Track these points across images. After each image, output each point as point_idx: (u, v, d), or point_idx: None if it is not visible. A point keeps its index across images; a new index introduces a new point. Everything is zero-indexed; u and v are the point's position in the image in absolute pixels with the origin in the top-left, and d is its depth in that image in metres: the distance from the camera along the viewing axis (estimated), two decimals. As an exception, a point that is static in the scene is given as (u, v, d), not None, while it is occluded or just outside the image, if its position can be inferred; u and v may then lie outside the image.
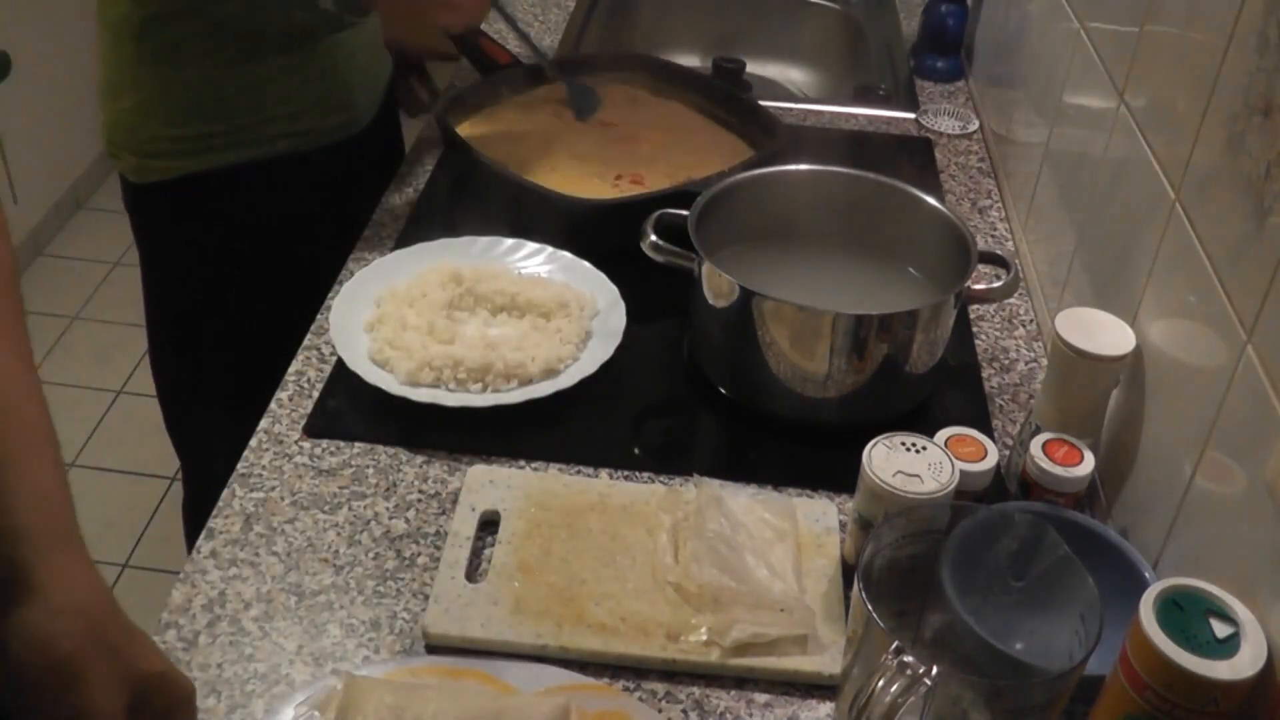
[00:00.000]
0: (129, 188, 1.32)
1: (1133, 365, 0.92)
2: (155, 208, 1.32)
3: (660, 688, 0.82)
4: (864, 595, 0.70)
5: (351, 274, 1.16)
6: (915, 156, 1.51)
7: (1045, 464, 0.90)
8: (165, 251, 1.36)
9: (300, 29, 1.25)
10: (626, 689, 0.81)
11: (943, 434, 0.92)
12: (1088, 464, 0.90)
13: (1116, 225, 1.02)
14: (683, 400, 1.10)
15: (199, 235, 1.32)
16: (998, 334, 1.19)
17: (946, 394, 1.09)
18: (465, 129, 1.36)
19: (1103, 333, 0.91)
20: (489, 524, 0.92)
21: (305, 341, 1.12)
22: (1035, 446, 0.91)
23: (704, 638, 0.83)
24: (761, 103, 1.42)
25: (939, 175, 1.47)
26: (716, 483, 0.94)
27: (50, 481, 0.69)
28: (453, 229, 1.22)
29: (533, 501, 0.93)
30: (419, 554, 0.91)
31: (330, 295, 1.16)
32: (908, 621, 0.80)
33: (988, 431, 1.02)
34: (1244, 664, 0.65)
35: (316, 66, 1.28)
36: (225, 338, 1.37)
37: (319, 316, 1.15)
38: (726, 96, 1.44)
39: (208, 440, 1.36)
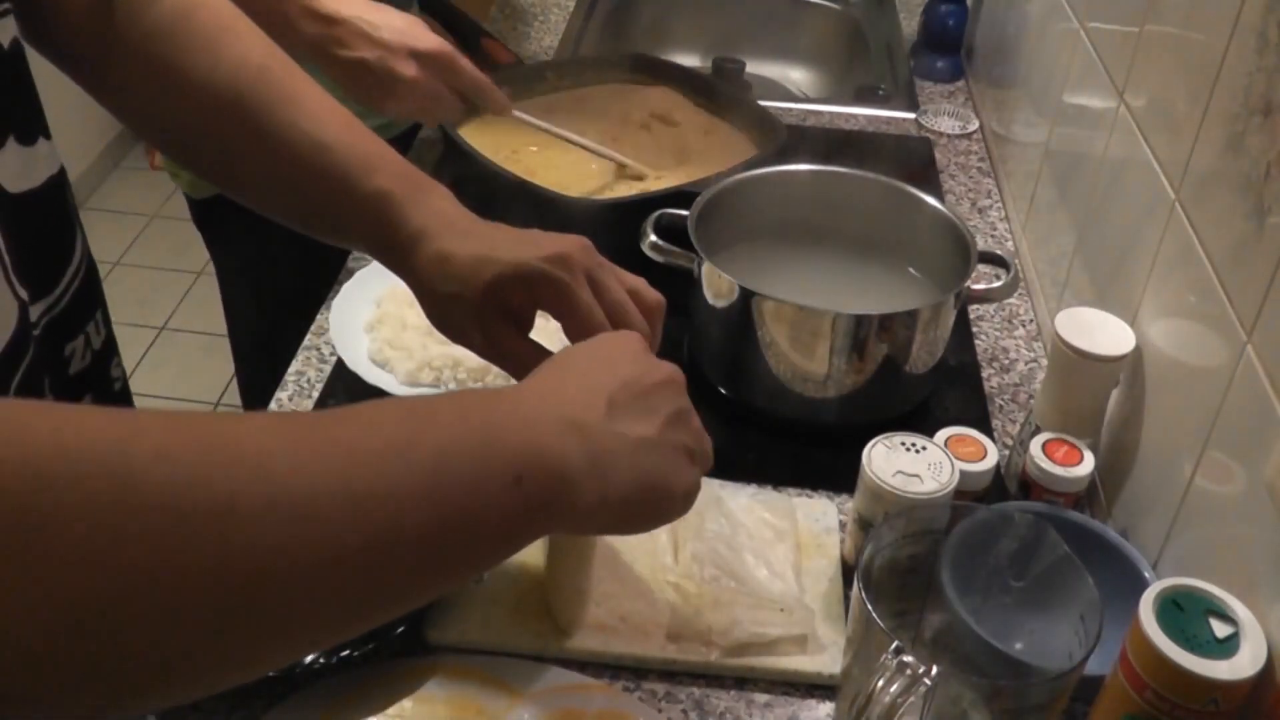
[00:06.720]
0: (191, 204, 1.32)
1: (1133, 365, 0.92)
2: (220, 220, 1.31)
3: (660, 688, 0.82)
4: (864, 595, 0.70)
5: (351, 274, 1.16)
6: (915, 156, 1.51)
7: (1045, 464, 0.90)
8: (237, 260, 1.35)
9: None
10: (626, 689, 0.81)
11: (943, 434, 0.92)
12: (1088, 464, 0.90)
13: (1116, 225, 1.02)
14: (683, 400, 1.10)
15: (268, 241, 1.22)
16: (998, 334, 1.19)
17: (946, 394, 1.09)
18: (465, 129, 1.36)
19: (1103, 333, 0.92)
20: (489, 524, 0.92)
21: (305, 341, 1.12)
22: (1035, 446, 0.91)
23: (704, 637, 0.83)
24: (761, 103, 1.42)
25: (939, 175, 1.47)
26: (716, 483, 0.94)
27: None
28: (453, 229, 1.22)
29: (533, 501, 0.93)
30: (419, 554, 0.90)
31: (330, 295, 1.16)
32: (908, 621, 0.80)
33: (988, 431, 1.02)
34: (1244, 664, 0.65)
35: None
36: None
37: (319, 316, 1.14)
38: (727, 96, 1.43)
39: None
